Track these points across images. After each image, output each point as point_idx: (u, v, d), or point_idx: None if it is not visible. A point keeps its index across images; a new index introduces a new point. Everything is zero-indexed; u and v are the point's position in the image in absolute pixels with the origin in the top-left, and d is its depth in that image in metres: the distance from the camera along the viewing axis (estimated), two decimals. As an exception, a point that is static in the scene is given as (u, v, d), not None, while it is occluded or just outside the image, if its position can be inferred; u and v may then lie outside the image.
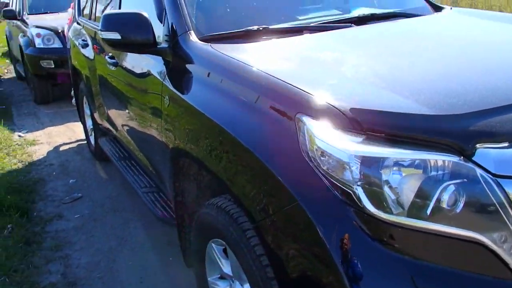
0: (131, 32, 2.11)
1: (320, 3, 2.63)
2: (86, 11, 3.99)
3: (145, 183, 2.90)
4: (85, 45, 3.73)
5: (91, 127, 4.23)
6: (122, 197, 3.49)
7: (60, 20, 6.50)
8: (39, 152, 4.63)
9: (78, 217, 3.23)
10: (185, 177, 2.06)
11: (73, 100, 4.76)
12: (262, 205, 1.38)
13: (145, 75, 2.38)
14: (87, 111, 4.30)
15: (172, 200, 2.26)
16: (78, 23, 4.21)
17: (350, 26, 2.08)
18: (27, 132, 5.33)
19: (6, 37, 9.43)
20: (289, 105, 1.36)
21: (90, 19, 3.80)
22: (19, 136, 5.17)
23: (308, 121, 1.25)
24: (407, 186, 1.11)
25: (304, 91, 1.33)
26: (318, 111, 1.26)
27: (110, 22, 2.14)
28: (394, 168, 1.12)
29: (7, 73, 9.88)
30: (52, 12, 7.10)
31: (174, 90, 1.96)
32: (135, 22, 2.11)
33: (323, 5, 2.58)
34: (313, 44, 1.92)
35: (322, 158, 1.20)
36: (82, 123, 4.60)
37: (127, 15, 2.14)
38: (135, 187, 2.90)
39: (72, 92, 4.75)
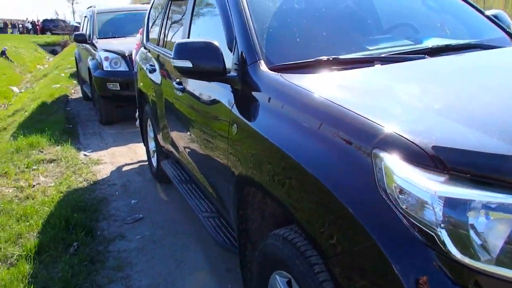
0: (202, 61, 2.20)
1: (390, 33, 2.62)
2: (154, 37, 4.20)
3: (206, 208, 2.96)
4: (152, 70, 3.91)
5: (154, 149, 4.40)
6: (182, 220, 3.58)
7: (126, 44, 6.89)
8: (103, 171, 4.85)
9: (139, 238, 3.34)
10: (250, 205, 2.08)
11: (137, 122, 4.97)
12: (333, 240, 1.37)
13: (213, 102, 2.46)
14: (150, 133, 4.48)
15: (234, 227, 2.29)
16: (145, 48, 4.43)
17: (424, 58, 2.05)
18: (92, 152, 5.62)
19: (75, 59, 10.09)
20: (364, 139, 1.35)
21: (158, 44, 3.99)
22: (85, 155, 5.46)
23: (386, 157, 1.24)
24: (496, 232, 1.06)
25: (382, 126, 1.32)
26: (397, 147, 1.24)
27: (182, 50, 2.24)
28: (481, 212, 1.08)
29: (74, 93, 10.53)
30: (119, 37, 7.53)
31: (243, 119, 2.00)
32: (206, 51, 2.19)
33: (393, 35, 2.56)
34: (385, 75, 1.92)
35: (401, 196, 1.19)
36: (144, 145, 4.80)
37: (198, 44, 2.24)
38: (196, 211, 2.97)
39: (137, 114, 4.96)
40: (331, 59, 2.02)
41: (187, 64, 2.22)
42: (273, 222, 2.06)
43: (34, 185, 4.41)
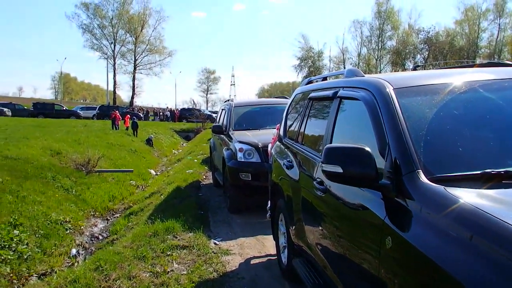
0: (353, 166, 2.18)
1: None
2: (292, 133, 4.35)
3: (344, 320, 2.77)
4: (290, 166, 4.01)
5: (284, 244, 4.38)
6: (313, 328, 3.38)
7: (260, 136, 7.28)
8: (232, 263, 4.93)
9: None
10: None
11: (268, 215, 5.04)
12: None
13: (361, 208, 2.39)
14: (281, 228, 4.49)
15: None
16: (283, 144, 4.60)
17: None
18: (221, 240, 5.78)
19: (210, 148, 10.87)
20: None
21: (296, 141, 4.11)
22: (215, 243, 5.63)
23: None
24: None
25: None
26: None
27: (332, 155, 2.26)
28: None
29: (205, 179, 11.22)
30: (253, 129, 7.97)
31: (401, 233, 1.89)
32: (358, 156, 2.18)
33: None
34: None
35: None
36: (274, 239, 4.81)
37: (350, 150, 2.23)
38: (333, 322, 2.80)
39: (268, 206, 5.05)
40: (502, 172, 1.86)
41: (337, 169, 2.22)
42: None
43: (168, 272, 4.61)
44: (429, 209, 1.84)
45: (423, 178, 1.95)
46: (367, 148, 2.18)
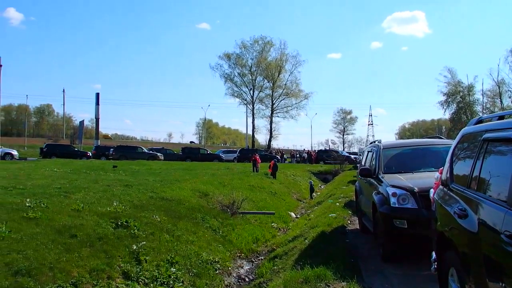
0: None
1: None
2: (461, 178, 3.99)
3: None
4: (463, 215, 3.64)
5: (457, 304, 3.94)
6: None
7: (414, 180, 6.85)
8: (394, 318, 4.58)
9: None
10: None
11: (433, 268, 4.62)
12: None
13: None
14: (453, 284, 4.06)
15: None
16: (450, 189, 4.24)
17: None
18: (377, 292, 5.46)
19: (356, 191, 10.58)
20: None
21: (468, 187, 3.75)
22: (371, 295, 5.34)
23: None
24: None
25: None
26: None
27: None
28: None
29: (350, 224, 10.90)
30: (405, 172, 7.51)
31: None
32: None
33: None
34: None
35: None
36: (443, 295, 4.37)
37: None
38: None
39: (432, 258, 4.64)
40: None
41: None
42: None
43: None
44: None
45: None
46: None
